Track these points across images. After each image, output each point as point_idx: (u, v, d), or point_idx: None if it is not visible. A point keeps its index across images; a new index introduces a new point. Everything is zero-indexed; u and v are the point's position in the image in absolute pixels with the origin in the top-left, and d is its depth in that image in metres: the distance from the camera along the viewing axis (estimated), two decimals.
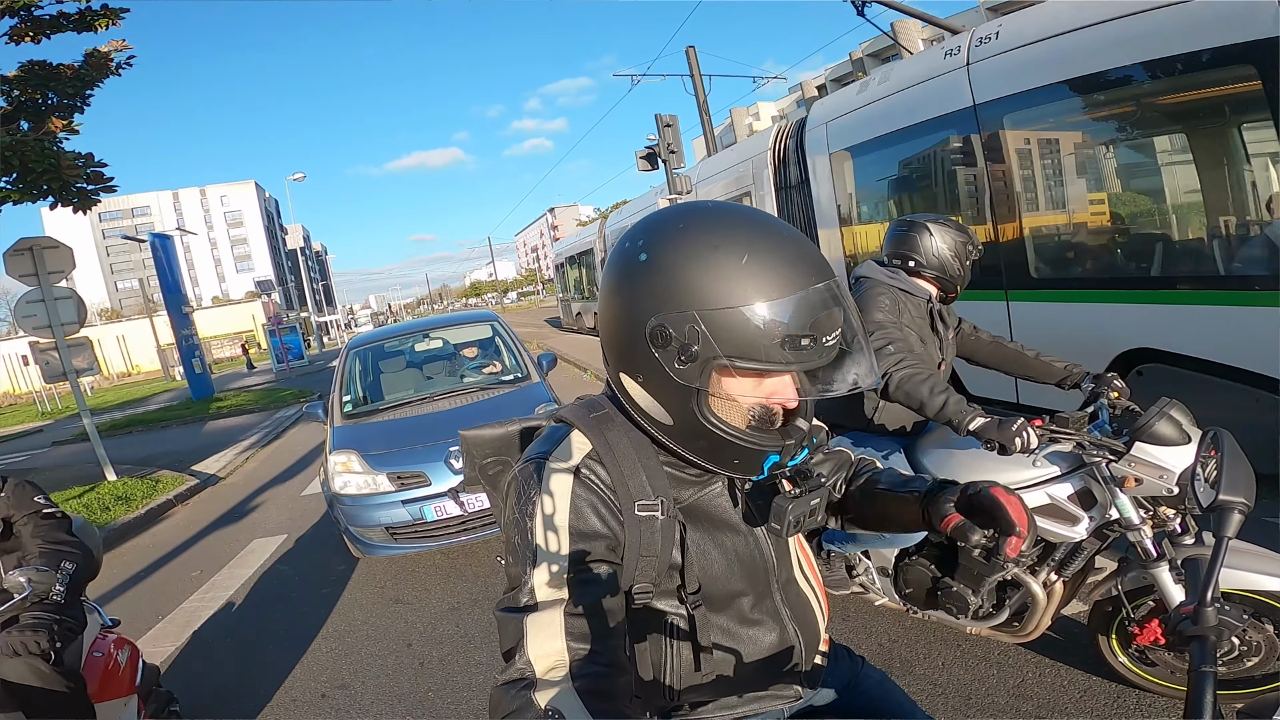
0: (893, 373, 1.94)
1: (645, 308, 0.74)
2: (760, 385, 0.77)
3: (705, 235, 0.73)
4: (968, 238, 2.18)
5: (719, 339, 0.71)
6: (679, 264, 0.72)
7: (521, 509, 0.79)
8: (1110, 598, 1.87)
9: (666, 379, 0.75)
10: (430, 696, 2.63)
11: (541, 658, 0.71)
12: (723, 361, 0.72)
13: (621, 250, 0.79)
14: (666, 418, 0.79)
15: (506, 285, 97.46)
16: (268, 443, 9.25)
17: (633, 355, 0.77)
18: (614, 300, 0.79)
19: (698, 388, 0.74)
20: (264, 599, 3.89)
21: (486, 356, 5.36)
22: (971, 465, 2.01)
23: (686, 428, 0.78)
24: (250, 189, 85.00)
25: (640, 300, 0.75)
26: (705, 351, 0.72)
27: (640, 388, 0.79)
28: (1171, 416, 1.71)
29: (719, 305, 0.70)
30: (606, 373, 0.86)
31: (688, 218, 0.77)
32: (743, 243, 0.72)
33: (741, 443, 0.78)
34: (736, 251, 0.71)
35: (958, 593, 2.21)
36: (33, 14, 5.98)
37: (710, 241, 0.72)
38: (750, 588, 0.90)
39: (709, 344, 0.71)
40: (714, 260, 0.71)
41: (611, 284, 0.79)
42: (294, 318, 29.31)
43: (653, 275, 0.74)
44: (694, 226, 0.75)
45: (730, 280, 0.70)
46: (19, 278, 6.52)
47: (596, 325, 0.88)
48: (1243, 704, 0.70)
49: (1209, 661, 0.67)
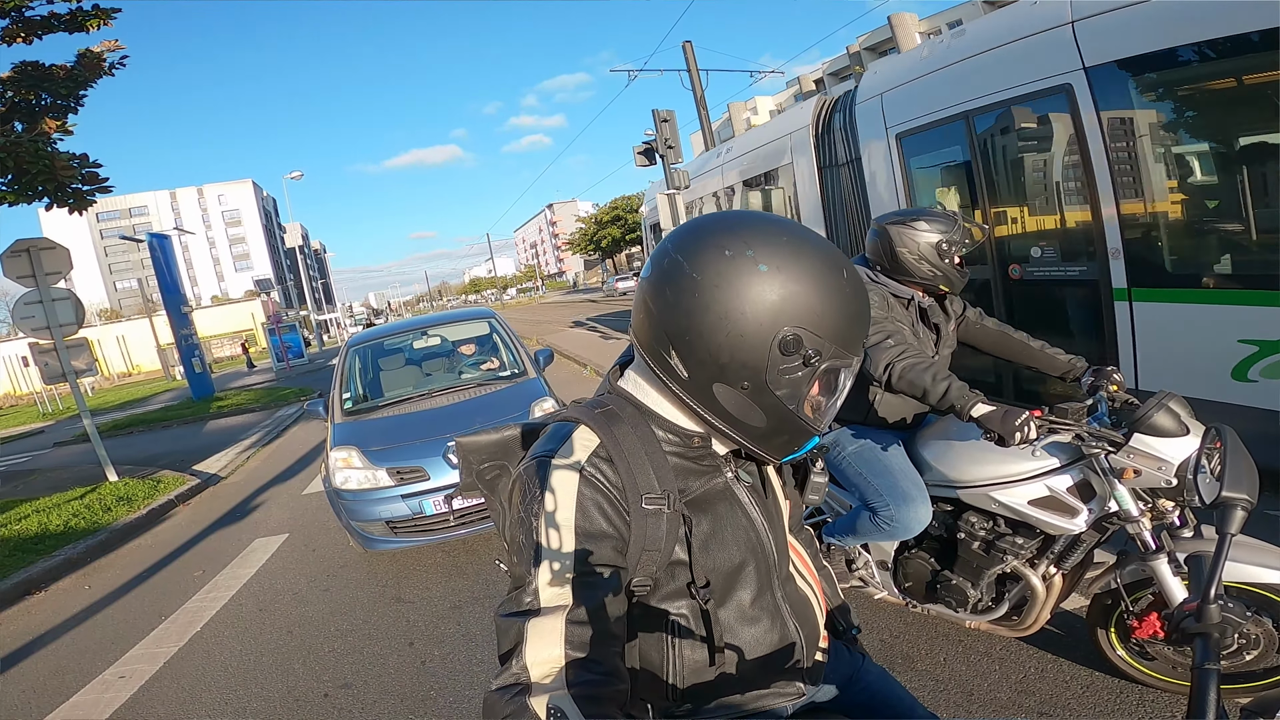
0: (895, 364, 1.93)
1: (778, 317, 0.76)
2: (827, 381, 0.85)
3: (808, 248, 0.79)
4: (950, 233, 2.07)
5: (833, 343, 0.78)
6: (804, 275, 0.77)
7: (526, 508, 0.79)
8: (1109, 591, 1.86)
9: (781, 384, 0.79)
10: (432, 695, 2.63)
11: (538, 664, 0.70)
12: (837, 362, 0.80)
13: (721, 258, 0.76)
14: (761, 420, 0.81)
15: (506, 281, 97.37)
16: (269, 442, 9.26)
17: (745, 364, 0.77)
18: (723, 309, 0.76)
19: (806, 390, 0.81)
20: (266, 598, 3.89)
21: (484, 353, 5.42)
22: (972, 458, 2.01)
23: (779, 426, 0.82)
24: (248, 188, 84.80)
25: (768, 310, 0.76)
26: (827, 355, 0.78)
27: (740, 394, 0.80)
28: (1169, 408, 1.70)
29: (835, 312, 0.78)
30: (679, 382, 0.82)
31: (778, 229, 0.80)
32: (832, 255, 0.81)
33: (810, 429, 0.84)
34: (834, 264, 0.79)
35: (957, 585, 2.23)
36: (24, 15, 5.96)
37: (815, 254, 0.79)
38: (753, 580, 0.90)
39: (830, 348, 0.78)
40: (826, 272, 0.78)
41: (717, 294, 0.76)
42: (293, 316, 29.29)
43: (778, 286, 0.76)
44: (793, 239, 0.79)
45: (840, 291, 0.78)
46: (16, 279, 6.52)
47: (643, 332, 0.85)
48: (1246, 700, 0.69)
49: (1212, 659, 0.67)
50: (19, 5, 5.84)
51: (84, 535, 5.46)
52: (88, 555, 5.16)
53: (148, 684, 3.09)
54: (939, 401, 1.85)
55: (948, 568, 2.15)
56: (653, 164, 9.30)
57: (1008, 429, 1.69)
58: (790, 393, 0.79)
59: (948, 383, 1.84)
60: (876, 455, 2.17)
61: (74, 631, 3.86)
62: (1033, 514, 1.91)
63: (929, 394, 1.87)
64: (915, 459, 2.18)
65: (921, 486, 2.10)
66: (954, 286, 2.14)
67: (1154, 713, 1.89)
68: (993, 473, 1.96)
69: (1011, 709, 2.00)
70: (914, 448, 2.20)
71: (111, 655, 3.44)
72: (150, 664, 3.28)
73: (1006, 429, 1.69)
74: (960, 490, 2.06)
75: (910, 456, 2.19)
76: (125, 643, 3.56)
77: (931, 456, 2.13)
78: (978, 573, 2.06)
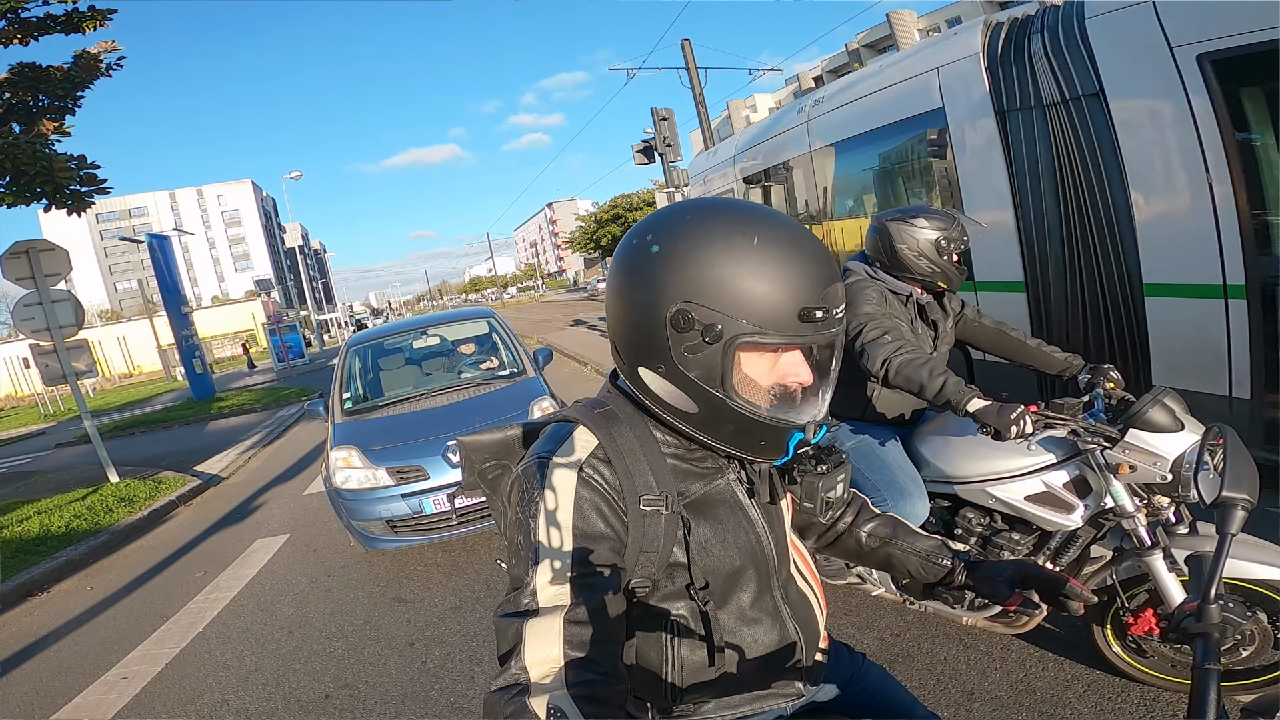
0: (892, 359, 1.93)
1: (666, 295, 0.76)
2: (777, 365, 0.80)
3: (714, 223, 0.77)
4: (948, 231, 2.07)
5: (740, 316, 0.74)
6: (694, 250, 0.75)
7: (525, 509, 0.79)
8: (1105, 587, 1.86)
9: (690, 364, 0.77)
10: (433, 696, 2.64)
11: (537, 664, 0.70)
12: (746, 338, 0.74)
13: (629, 247, 0.81)
14: (691, 405, 0.80)
15: (506, 280, 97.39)
16: (270, 442, 9.26)
17: (652, 347, 0.79)
18: (628, 295, 0.80)
19: (722, 368, 0.76)
20: (267, 599, 3.90)
21: (484, 353, 5.43)
22: (969, 453, 2.02)
23: (713, 413, 0.79)
24: (247, 188, 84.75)
25: (657, 290, 0.77)
26: (729, 330, 0.74)
27: (661, 379, 0.80)
28: (1164, 404, 1.71)
29: (737, 283, 0.74)
30: (620, 371, 0.87)
31: (693, 211, 0.80)
32: (751, 226, 0.76)
33: (767, 422, 0.79)
34: (747, 233, 0.75)
35: None
36: (20, 16, 5.95)
37: (720, 228, 0.76)
38: (752, 583, 0.90)
39: (731, 322, 0.74)
40: (729, 243, 0.75)
41: (623, 280, 0.81)
42: (294, 316, 29.29)
43: (669, 264, 0.76)
44: (702, 217, 0.78)
45: (746, 260, 0.74)
46: (16, 281, 6.52)
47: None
48: (1246, 699, 0.69)
49: (1212, 659, 0.67)
50: (15, 6, 5.84)
51: (86, 536, 5.47)
52: (89, 556, 5.17)
53: (150, 685, 3.10)
54: (935, 397, 1.86)
55: None
56: (652, 162, 9.30)
57: (1003, 423, 1.69)
58: (705, 373, 0.77)
59: (944, 378, 1.85)
60: (874, 451, 2.17)
61: (76, 632, 3.86)
62: (1029, 509, 1.92)
63: (925, 389, 1.87)
64: (913, 455, 2.19)
65: (919, 482, 2.11)
66: (952, 284, 2.15)
67: (1155, 712, 1.89)
68: (990, 468, 1.98)
69: (1013, 708, 2.00)
70: (912, 444, 2.21)
71: (114, 656, 3.45)
72: (152, 665, 3.28)
73: (1002, 423, 1.70)
74: (957, 486, 2.07)
75: (908, 452, 2.20)
76: (127, 644, 3.56)
77: (929, 452, 2.14)
78: None
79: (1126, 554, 1.81)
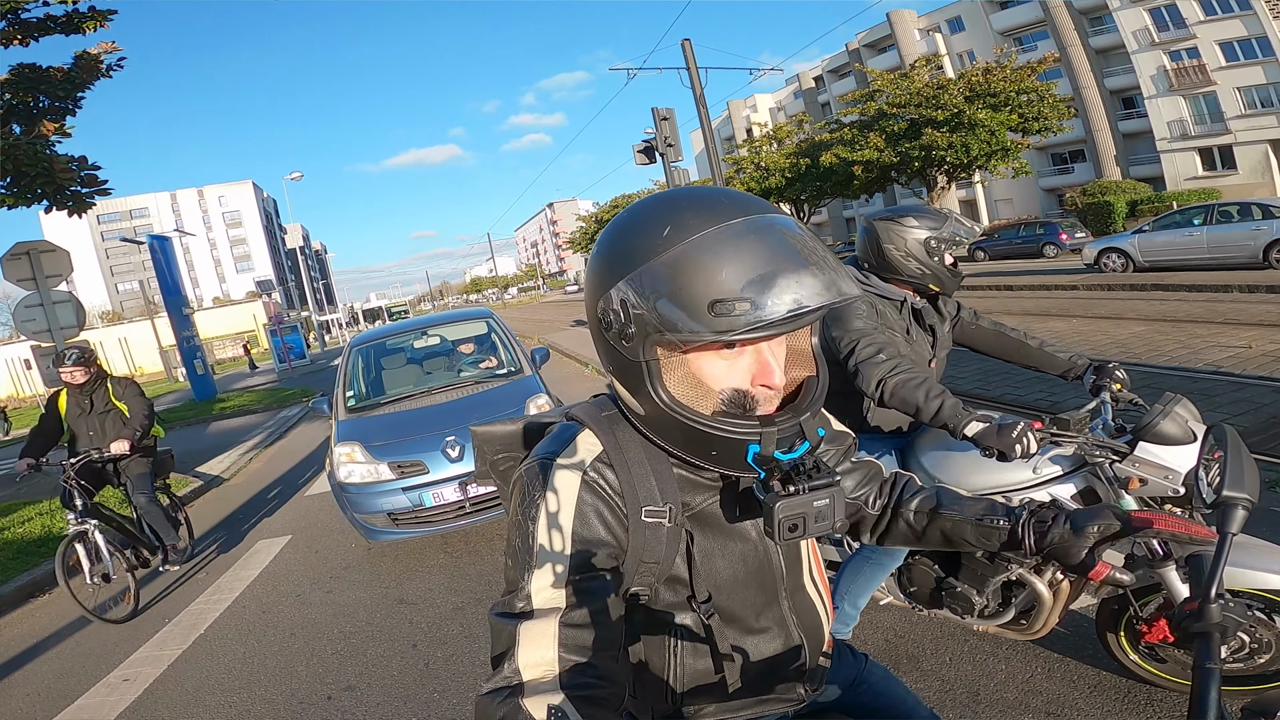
0: (887, 379, 1.87)
1: (594, 291, 0.76)
2: (735, 366, 0.73)
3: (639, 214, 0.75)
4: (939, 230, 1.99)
5: (652, 310, 0.68)
6: (615, 243, 0.74)
7: (525, 511, 0.78)
8: (1117, 595, 1.83)
9: (625, 363, 0.74)
10: (435, 698, 2.63)
11: (531, 666, 0.69)
12: (655, 334, 0.69)
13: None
14: (639, 408, 0.78)
15: (507, 281, 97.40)
16: (271, 443, 9.26)
17: (601, 346, 0.79)
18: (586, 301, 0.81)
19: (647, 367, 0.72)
20: (269, 600, 3.89)
21: (482, 352, 5.52)
22: (970, 467, 1.95)
23: (657, 416, 0.75)
24: (248, 189, 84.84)
25: (590, 287, 0.78)
26: (640, 326, 0.70)
27: (614, 378, 0.80)
28: (1176, 414, 1.64)
29: (654, 275, 0.68)
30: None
31: (639, 202, 0.78)
32: (665, 207, 0.72)
33: (709, 430, 0.72)
34: (664, 220, 0.70)
35: (962, 593, 2.20)
36: (20, 17, 5.95)
37: (640, 218, 0.74)
38: (758, 597, 0.88)
39: (642, 317, 0.69)
40: (645, 232, 0.71)
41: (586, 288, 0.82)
42: (295, 317, 29.31)
43: (600, 259, 0.76)
44: (635, 207, 0.77)
45: (655, 250, 0.69)
46: (17, 282, 6.52)
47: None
48: (1248, 700, 0.69)
49: (1213, 658, 0.67)
50: (15, 7, 5.84)
51: None
52: None
53: (152, 687, 3.09)
54: (932, 420, 1.80)
55: (952, 575, 2.11)
56: (653, 162, 9.29)
57: (1006, 444, 1.62)
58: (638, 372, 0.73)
59: (940, 400, 1.78)
60: None
61: (79, 634, 3.86)
62: None
63: (922, 412, 1.81)
64: (912, 467, 2.11)
65: None
66: (945, 286, 2.06)
67: (1162, 712, 1.88)
68: (993, 481, 1.90)
69: (1018, 709, 1.99)
70: (911, 456, 2.14)
71: (116, 658, 3.44)
72: (155, 667, 3.28)
73: (1004, 444, 1.63)
74: None
75: (907, 465, 2.13)
76: (130, 645, 3.56)
77: (930, 465, 2.07)
78: (983, 580, 2.01)
79: (1139, 562, 1.79)
